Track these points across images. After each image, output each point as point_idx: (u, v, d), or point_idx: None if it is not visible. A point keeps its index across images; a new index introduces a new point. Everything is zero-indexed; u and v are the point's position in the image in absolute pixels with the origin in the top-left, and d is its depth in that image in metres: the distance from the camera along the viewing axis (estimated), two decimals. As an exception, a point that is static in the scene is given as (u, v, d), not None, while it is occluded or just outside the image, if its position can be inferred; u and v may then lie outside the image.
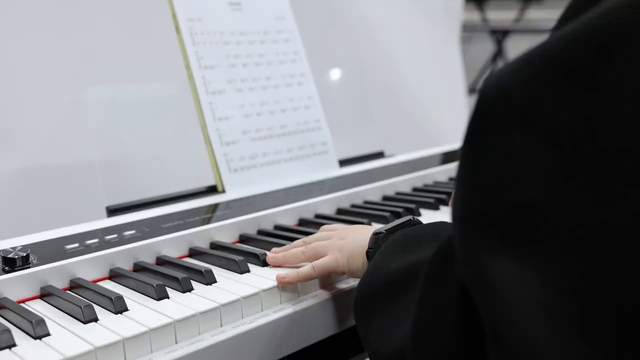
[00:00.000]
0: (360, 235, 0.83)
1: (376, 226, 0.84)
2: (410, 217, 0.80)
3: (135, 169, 1.06)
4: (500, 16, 4.41)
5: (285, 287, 0.81)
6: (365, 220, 1.01)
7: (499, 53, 4.30)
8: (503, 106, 0.42)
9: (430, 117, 2.27)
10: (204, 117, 1.11)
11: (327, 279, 0.85)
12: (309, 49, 1.30)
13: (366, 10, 2.06)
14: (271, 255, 0.88)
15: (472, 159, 0.44)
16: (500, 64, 4.30)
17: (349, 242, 0.83)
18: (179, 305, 0.76)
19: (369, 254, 0.77)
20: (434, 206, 1.12)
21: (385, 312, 0.63)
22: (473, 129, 0.44)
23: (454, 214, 0.45)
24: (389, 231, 0.76)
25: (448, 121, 2.39)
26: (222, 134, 1.12)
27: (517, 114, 0.41)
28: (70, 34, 1.18)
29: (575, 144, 0.39)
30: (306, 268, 0.82)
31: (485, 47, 4.33)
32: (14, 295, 0.77)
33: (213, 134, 1.11)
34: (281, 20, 1.28)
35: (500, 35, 4.31)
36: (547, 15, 4.37)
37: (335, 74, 1.61)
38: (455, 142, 1.75)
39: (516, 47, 4.39)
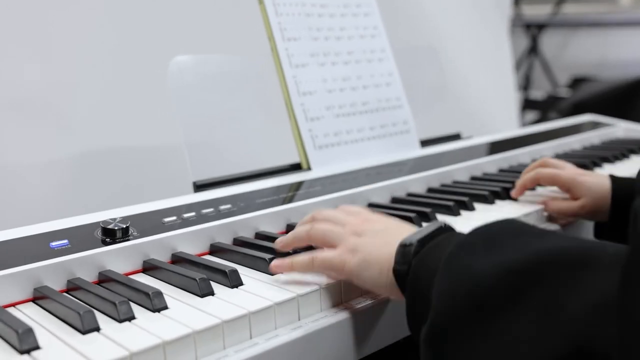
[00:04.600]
0: (381, 239, 0.67)
1: (405, 230, 0.67)
2: (441, 223, 0.66)
3: (218, 145, 1.01)
4: (536, 11, 4.33)
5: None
6: (466, 199, 0.95)
7: (533, 48, 4.23)
8: None
9: (481, 104, 2.22)
10: (288, 92, 1.05)
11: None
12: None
13: (422, 1, 2.02)
14: (277, 240, 0.75)
15: None
16: (535, 59, 4.23)
17: (365, 245, 0.67)
18: (293, 280, 0.70)
19: (398, 271, 0.62)
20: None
21: (503, 323, 0.49)
22: None
23: None
24: (421, 242, 0.62)
25: (498, 110, 2.34)
26: (307, 109, 1.07)
27: None
28: (152, 8, 1.13)
29: None
30: (304, 259, 0.68)
31: (519, 42, 4.25)
32: (116, 268, 0.72)
33: (298, 109, 1.05)
34: (360, -7, 1.22)
35: (535, 30, 4.23)
36: (583, 10, 4.30)
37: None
38: (510, 130, 1.70)
39: (551, 42, 4.32)
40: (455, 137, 1.34)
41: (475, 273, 0.52)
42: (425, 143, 1.24)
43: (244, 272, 0.72)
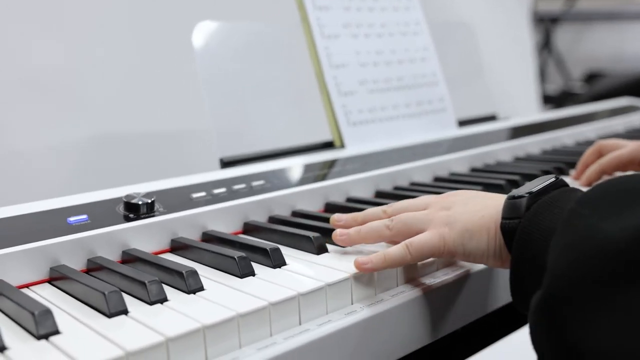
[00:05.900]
0: (474, 205, 0.59)
1: (496, 195, 0.60)
2: (554, 176, 0.57)
3: (246, 121, 0.93)
4: (549, 4, 4.24)
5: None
6: (517, 178, 0.87)
7: (547, 43, 4.14)
8: None
9: (501, 87, 2.15)
10: (320, 63, 0.97)
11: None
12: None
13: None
14: (339, 232, 0.63)
15: None
16: (548, 54, 4.14)
17: (460, 213, 0.58)
18: (341, 261, 0.62)
19: (507, 226, 0.54)
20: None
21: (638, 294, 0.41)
22: None
23: None
24: (533, 195, 0.54)
25: (517, 94, 2.28)
26: (339, 83, 0.98)
27: None
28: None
29: None
30: (397, 249, 0.58)
31: (533, 36, 4.17)
32: (141, 247, 0.64)
33: (330, 82, 0.97)
34: (392, -37, 1.14)
35: (549, 24, 4.14)
36: (598, 3, 4.21)
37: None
38: (527, 115, 1.62)
39: (565, 37, 4.23)
40: (491, 118, 1.26)
41: (603, 234, 0.44)
42: (461, 123, 1.16)
43: (285, 251, 0.64)
